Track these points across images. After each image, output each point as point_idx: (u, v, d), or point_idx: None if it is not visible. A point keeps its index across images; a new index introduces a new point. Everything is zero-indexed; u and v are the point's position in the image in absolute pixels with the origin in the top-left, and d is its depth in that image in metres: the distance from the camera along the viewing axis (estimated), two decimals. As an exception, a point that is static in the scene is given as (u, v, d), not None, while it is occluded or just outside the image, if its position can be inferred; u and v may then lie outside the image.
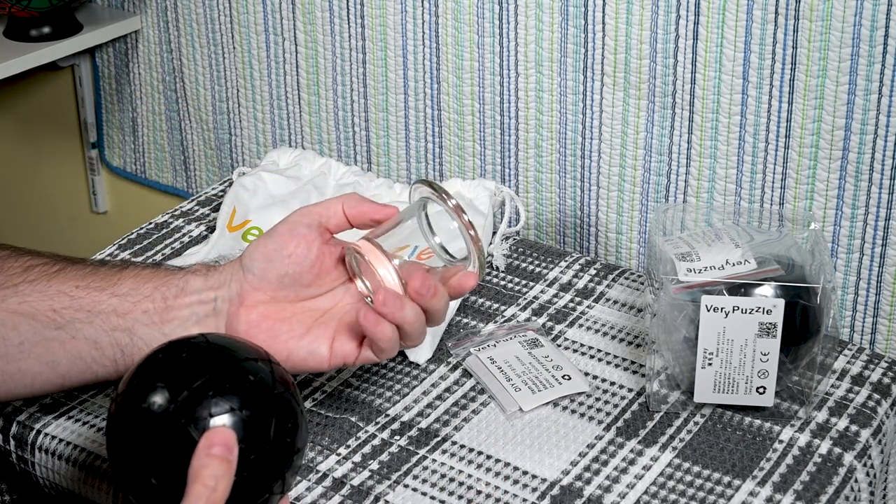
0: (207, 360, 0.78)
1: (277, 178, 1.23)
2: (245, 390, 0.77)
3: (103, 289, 0.91)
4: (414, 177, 1.36)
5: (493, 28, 1.23)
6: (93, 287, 0.91)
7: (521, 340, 1.07)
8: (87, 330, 0.91)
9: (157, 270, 0.93)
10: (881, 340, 1.15)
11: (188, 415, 0.75)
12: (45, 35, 1.47)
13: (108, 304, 0.91)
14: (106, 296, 0.91)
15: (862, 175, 1.09)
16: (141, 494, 0.77)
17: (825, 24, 1.05)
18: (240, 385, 0.77)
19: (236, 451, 0.75)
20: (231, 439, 0.75)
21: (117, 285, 0.92)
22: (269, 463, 0.77)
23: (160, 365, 0.78)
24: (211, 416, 0.75)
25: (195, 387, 0.76)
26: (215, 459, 0.74)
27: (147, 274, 0.93)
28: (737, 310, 0.93)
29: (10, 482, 1.05)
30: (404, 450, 0.96)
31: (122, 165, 1.65)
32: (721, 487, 0.92)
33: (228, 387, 0.76)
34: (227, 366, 0.78)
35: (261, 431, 0.76)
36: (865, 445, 0.97)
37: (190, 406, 0.75)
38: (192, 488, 0.73)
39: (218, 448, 0.74)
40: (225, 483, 0.73)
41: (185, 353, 0.78)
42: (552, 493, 0.92)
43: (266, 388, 0.78)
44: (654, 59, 1.15)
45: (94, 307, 0.91)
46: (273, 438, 0.77)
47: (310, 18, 1.35)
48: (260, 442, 0.76)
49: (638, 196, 1.22)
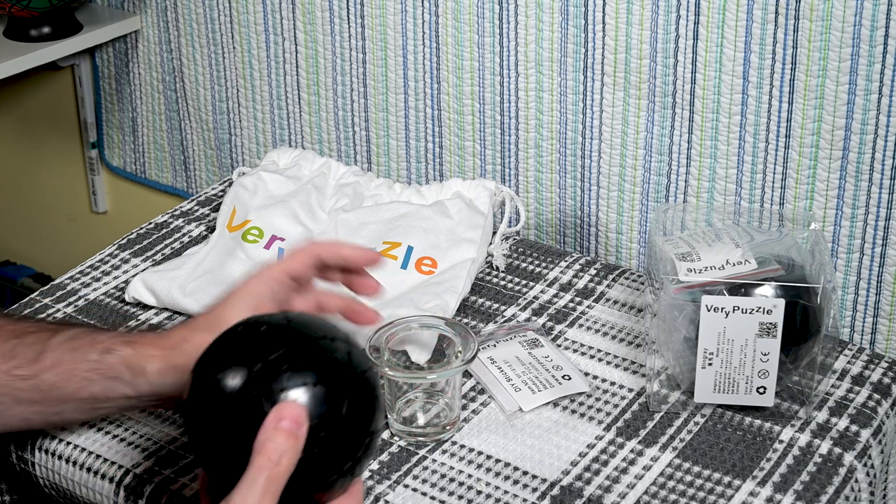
0: (285, 335, 0.77)
1: (277, 178, 1.23)
2: (321, 367, 0.75)
3: (25, 378, 0.89)
4: (414, 177, 1.36)
5: (493, 28, 1.23)
6: (14, 375, 0.89)
7: (521, 340, 1.07)
8: (13, 410, 0.90)
9: (76, 357, 0.89)
10: (881, 340, 1.15)
11: (262, 388, 0.74)
12: (45, 35, 1.47)
13: (33, 395, 0.89)
14: (29, 386, 0.89)
15: (862, 175, 1.09)
16: (214, 467, 0.76)
17: (825, 24, 1.05)
18: (316, 362, 0.75)
19: (305, 428, 0.73)
20: (301, 414, 0.73)
21: (39, 377, 0.89)
22: (341, 442, 0.75)
23: (238, 338, 0.77)
24: (283, 390, 0.74)
25: (270, 360, 0.75)
26: (282, 433, 0.72)
27: (67, 363, 0.89)
28: (737, 310, 0.93)
29: (10, 482, 1.05)
30: (404, 450, 0.96)
31: (122, 165, 1.65)
32: (721, 487, 0.92)
33: (304, 362, 0.75)
34: (305, 342, 0.76)
35: (334, 409, 0.75)
36: (865, 445, 0.97)
37: (264, 379, 0.74)
38: (255, 461, 0.72)
39: (286, 422, 0.73)
40: (289, 458, 0.72)
41: (263, 328, 0.77)
42: (552, 493, 0.92)
43: (342, 367, 0.76)
44: (655, 58, 1.15)
45: (18, 395, 0.89)
46: (346, 417, 0.75)
47: (310, 18, 1.35)
48: (332, 420, 0.75)
49: (638, 196, 1.22)
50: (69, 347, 0.89)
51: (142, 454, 0.95)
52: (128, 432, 0.98)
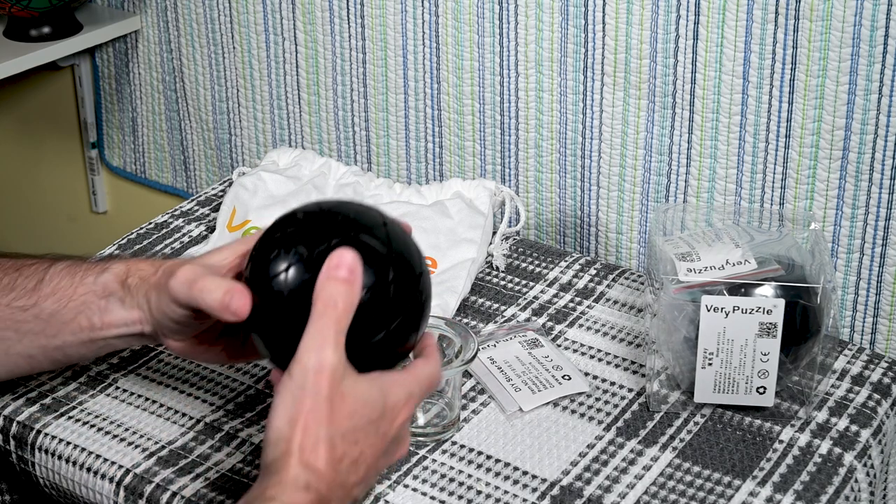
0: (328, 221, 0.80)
1: (277, 178, 1.23)
2: (370, 230, 0.80)
3: (25, 308, 0.90)
4: (414, 177, 1.36)
5: (493, 28, 1.23)
6: (14, 307, 0.90)
7: (521, 340, 1.07)
8: (18, 347, 0.91)
9: (75, 282, 0.90)
10: (881, 340, 1.15)
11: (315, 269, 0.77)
12: (45, 35, 1.47)
13: (34, 326, 0.90)
14: (30, 317, 0.90)
15: (862, 175, 1.09)
16: (277, 337, 0.79)
17: (825, 24, 1.05)
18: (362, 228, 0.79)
19: (360, 271, 0.77)
20: (353, 260, 0.76)
21: (38, 305, 0.90)
22: (395, 296, 0.79)
23: (282, 234, 0.81)
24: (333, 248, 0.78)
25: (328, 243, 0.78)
26: (336, 281, 0.76)
27: (65, 289, 0.90)
28: (737, 310, 0.93)
29: (10, 482, 1.05)
30: (404, 450, 0.96)
31: (122, 165, 1.65)
32: (721, 487, 0.92)
33: (352, 234, 0.79)
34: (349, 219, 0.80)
35: (384, 262, 0.78)
36: (865, 445, 0.97)
37: (318, 262, 0.77)
38: (315, 308, 0.76)
39: (341, 270, 0.76)
40: (346, 301, 0.76)
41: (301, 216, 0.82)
42: (552, 493, 0.92)
43: (390, 222, 0.81)
44: (654, 58, 1.15)
45: (20, 327, 0.90)
46: (397, 274, 0.79)
47: (310, 18, 1.35)
48: (383, 273, 0.78)
49: (638, 196, 1.22)
50: (67, 273, 0.91)
51: (142, 454, 0.96)
52: (128, 432, 0.98)
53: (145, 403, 1.01)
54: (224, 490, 0.92)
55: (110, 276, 0.89)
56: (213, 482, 0.92)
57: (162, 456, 0.95)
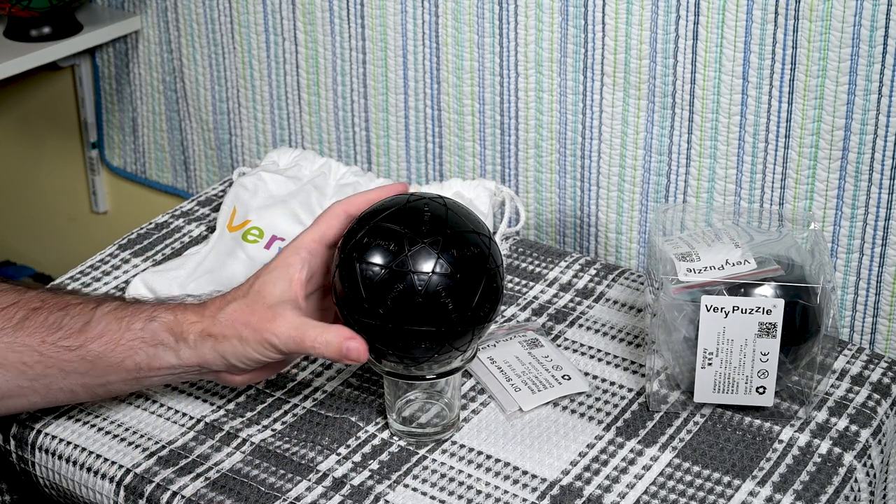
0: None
1: (277, 178, 1.23)
2: None
3: (71, 349, 0.91)
4: (414, 177, 1.36)
5: (493, 28, 1.23)
6: (61, 346, 0.91)
7: (521, 340, 1.07)
8: (61, 383, 0.92)
9: (122, 327, 0.91)
10: (881, 340, 1.15)
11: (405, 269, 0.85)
12: (45, 35, 1.47)
13: (79, 366, 0.91)
14: (75, 357, 0.91)
15: (862, 175, 1.09)
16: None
17: (825, 24, 1.05)
18: None
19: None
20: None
21: (85, 347, 0.91)
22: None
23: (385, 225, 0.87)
24: None
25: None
26: None
27: (112, 332, 0.91)
28: (737, 310, 0.93)
29: (10, 482, 1.05)
30: (404, 450, 0.96)
31: (122, 165, 1.65)
32: (721, 487, 0.92)
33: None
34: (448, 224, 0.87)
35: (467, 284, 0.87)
36: (865, 445, 0.97)
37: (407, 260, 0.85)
38: None
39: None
40: None
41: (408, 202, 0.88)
42: (552, 493, 0.92)
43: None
44: (654, 59, 1.15)
45: (66, 366, 0.91)
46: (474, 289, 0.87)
47: (310, 18, 1.35)
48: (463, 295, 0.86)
49: (638, 196, 1.22)
50: (114, 317, 0.91)
51: (142, 454, 0.96)
52: (128, 432, 0.98)
53: (145, 403, 1.01)
54: (224, 490, 0.92)
55: (158, 326, 0.91)
56: (214, 482, 0.93)
57: (162, 456, 0.95)
